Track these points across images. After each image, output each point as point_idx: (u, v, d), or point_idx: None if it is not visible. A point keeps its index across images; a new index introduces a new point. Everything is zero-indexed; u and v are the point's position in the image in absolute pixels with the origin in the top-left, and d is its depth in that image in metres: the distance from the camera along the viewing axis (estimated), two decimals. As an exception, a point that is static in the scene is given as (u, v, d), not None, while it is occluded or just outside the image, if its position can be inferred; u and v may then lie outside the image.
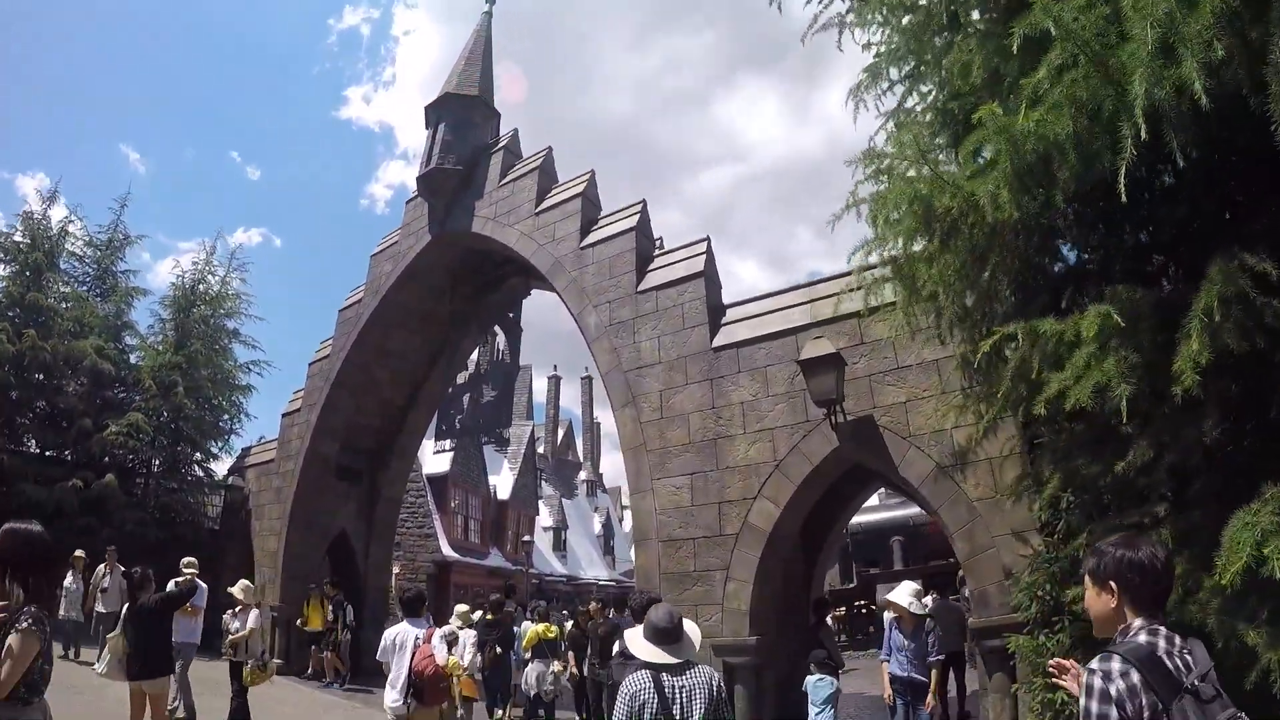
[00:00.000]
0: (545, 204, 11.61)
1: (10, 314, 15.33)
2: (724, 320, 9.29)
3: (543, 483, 34.95)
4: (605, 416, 46.35)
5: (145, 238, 18.73)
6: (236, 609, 8.72)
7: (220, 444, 18.09)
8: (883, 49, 5.67)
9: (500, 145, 13.09)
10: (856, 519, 17.53)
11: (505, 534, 29.32)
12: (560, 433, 42.87)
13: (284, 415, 15.88)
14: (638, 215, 10.59)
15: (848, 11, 5.60)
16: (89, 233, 17.89)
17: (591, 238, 10.74)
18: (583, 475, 43.88)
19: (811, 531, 10.06)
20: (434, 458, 24.22)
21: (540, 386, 42.72)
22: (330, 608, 13.09)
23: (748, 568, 8.04)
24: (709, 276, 9.53)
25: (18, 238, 16.28)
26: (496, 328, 13.70)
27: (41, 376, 15.40)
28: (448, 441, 14.75)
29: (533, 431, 32.93)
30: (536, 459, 34.01)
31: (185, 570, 9.00)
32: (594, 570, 37.98)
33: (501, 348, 13.54)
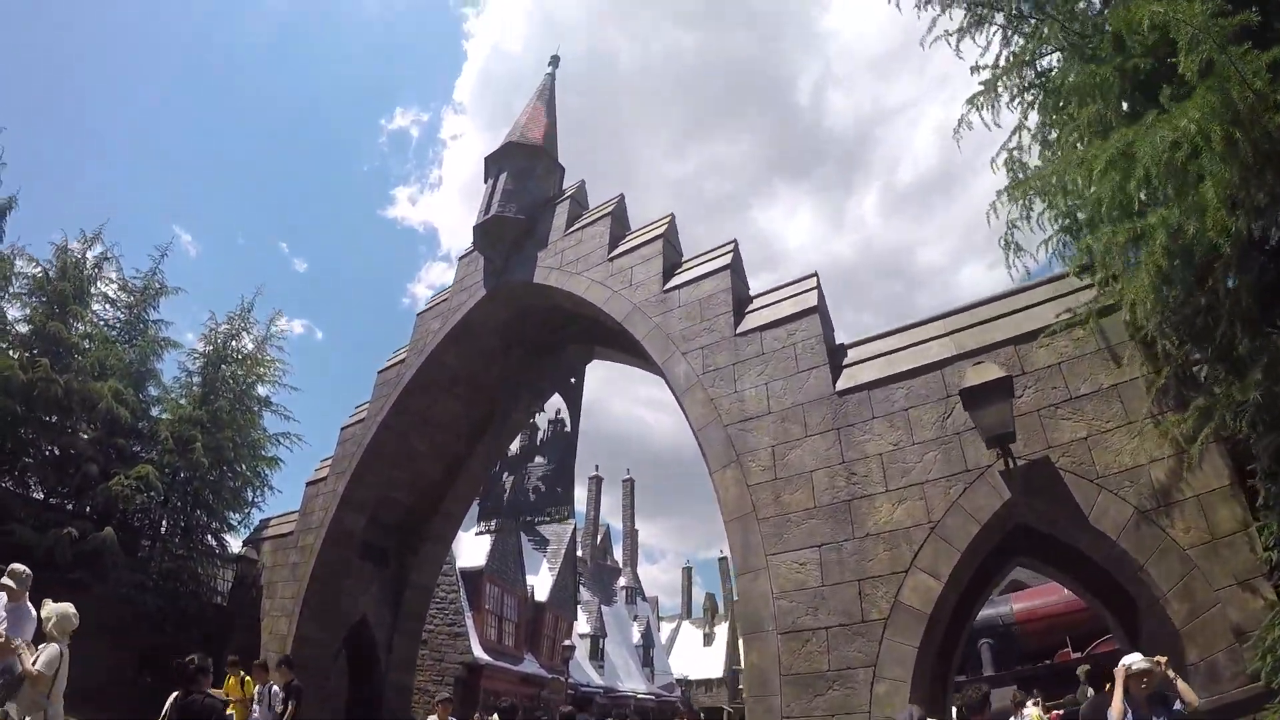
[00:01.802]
0: (620, 249, 10.65)
1: (29, 346, 14.34)
2: (845, 362, 7.99)
3: (581, 587, 32.89)
4: (644, 524, 44.56)
5: (182, 291, 17.94)
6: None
7: (239, 515, 16.78)
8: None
9: (566, 195, 12.30)
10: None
11: (541, 638, 27.19)
12: (598, 536, 40.94)
13: (308, 484, 14.62)
14: (730, 254, 9.55)
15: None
16: (123, 276, 17.09)
17: (676, 280, 9.68)
18: (622, 581, 41.81)
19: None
20: (469, 549, 22.62)
21: (579, 489, 41.26)
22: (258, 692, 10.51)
23: (903, 663, 6.44)
24: (823, 313, 8.29)
25: (50, 272, 15.43)
26: (557, 394, 12.32)
27: (54, 418, 14.24)
28: (490, 524, 13.05)
29: (574, 531, 31.20)
30: (576, 561, 32.15)
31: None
32: (632, 682, 35.47)
33: (561, 416, 12.10)
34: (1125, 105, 6.62)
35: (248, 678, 10.10)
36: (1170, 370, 5.90)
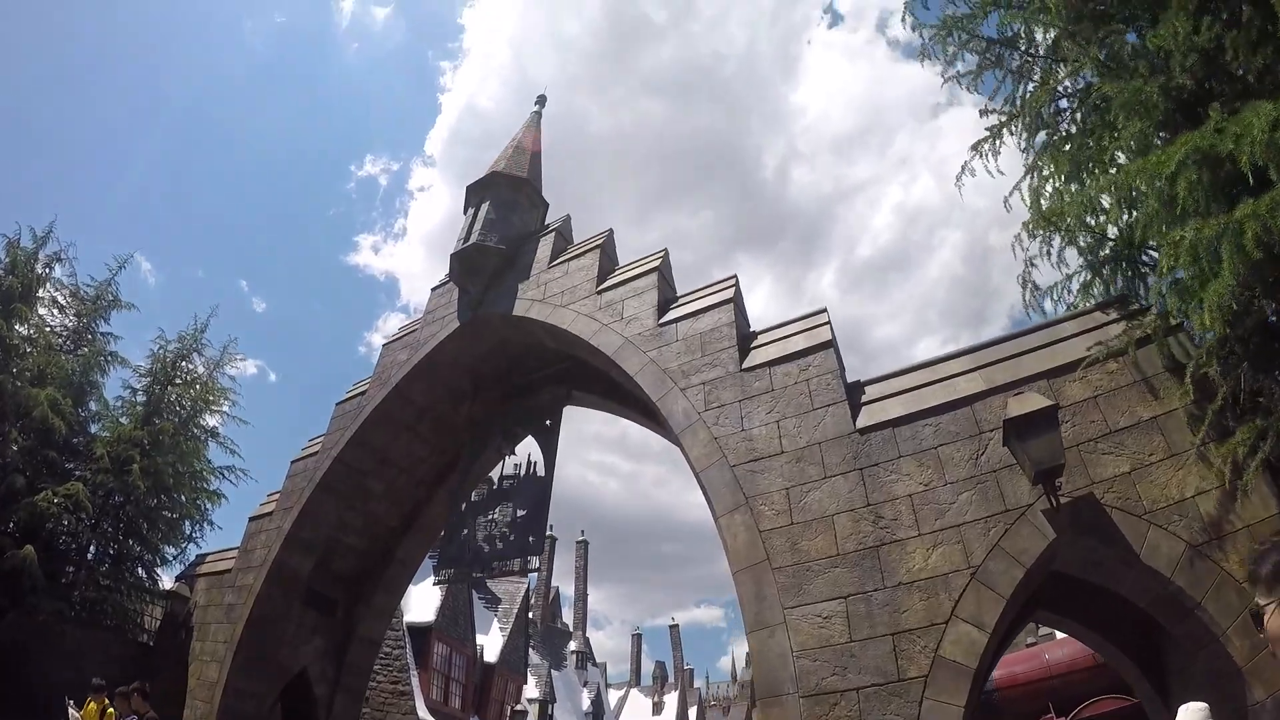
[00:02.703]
0: (610, 282, 10.18)
1: None
2: (863, 399, 7.52)
3: (530, 649, 31.51)
4: (591, 589, 43.27)
5: (135, 309, 16.99)
6: None
7: (175, 550, 15.59)
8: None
9: (551, 228, 11.81)
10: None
11: (489, 700, 25.92)
12: (549, 597, 39.58)
13: (252, 518, 13.48)
14: (731, 288, 9.18)
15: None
16: (75, 283, 16.12)
17: (674, 314, 9.21)
18: (572, 646, 40.35)
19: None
20: (419, 603, 21.52)
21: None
22: None
23: None
24: (836, 349, 7.85)
25: None
26: (530, 437, 11.54)
27: None
28: (446, 574, 11.91)
29: (527, 591, 29.97)
30: (528, 622, 30.87)
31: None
32: None
33: (533, 459, 11.32)
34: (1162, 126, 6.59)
35: (110, 707, 9.89)
36: (1224, 393, 5.67)
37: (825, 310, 8.53)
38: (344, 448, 12.39)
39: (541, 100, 14.75)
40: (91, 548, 14.56)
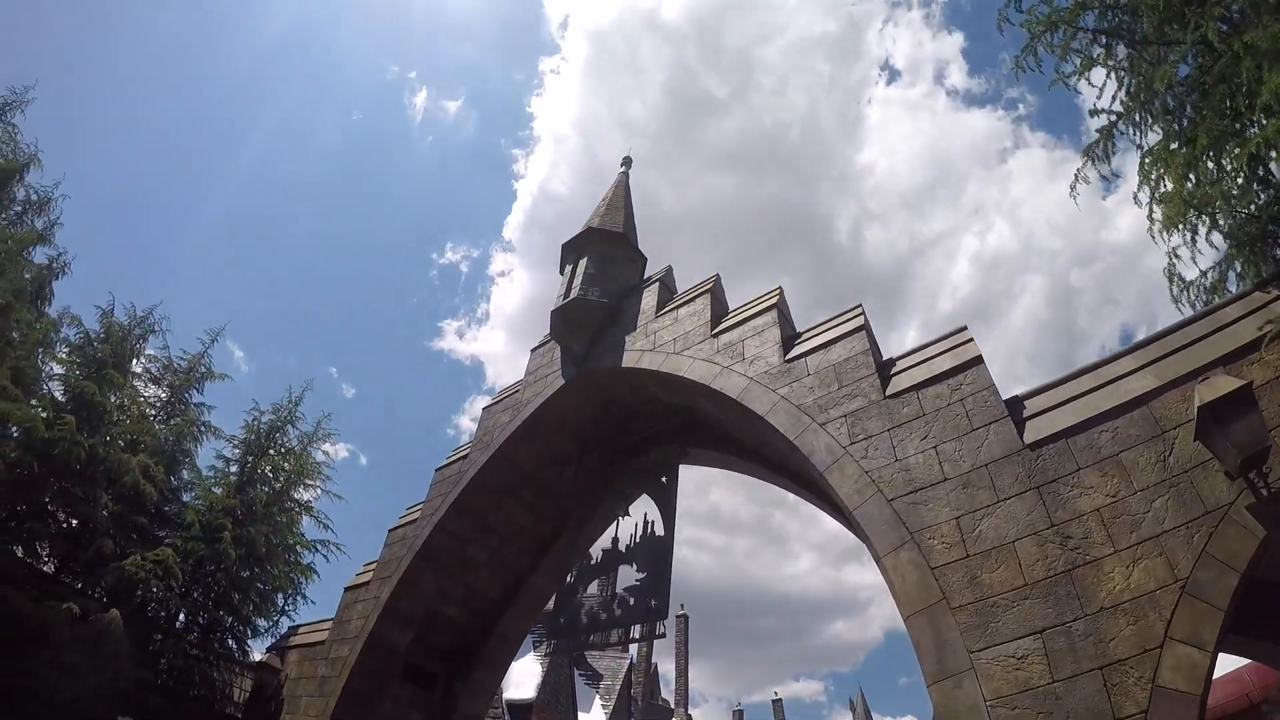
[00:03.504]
0: (726, 324, 9.96)
1: (59, 407, 13.53)
2: (1026, 414, 7.01)
3: None
4: (691, 666, 41.82)
5: (229, 378, 17.52)
6: None
7: (266, 621, 15.51)
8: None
9: (654, 279, 11.71)
10: None
11: None
12: (649, 673, 38.35)
13: (347, 589, 13.39)
14: (860, 316, 8.89)
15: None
16: (168, 356, 16.64)
17: (800, 348, 8.90)
18: None
19: None
20: (518, 678, 21.05)
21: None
22: None
23: None
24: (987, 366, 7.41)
25: (92, 335, 15.07)
26: (645, 495, 11.21)
27: (74, 485, 13.20)
28: (561, 644, 11.40)
29: (629, 666, 29.04)
30: (631, 699, 29.84)
31: None
32: None
33: (650, 520, 10.95)
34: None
35: None
36: None
37: (966, 328, 8.12)
38: (445, 514, 12.29)
39: (627, 162, 14.98)
40: (181, 616, 14.56)
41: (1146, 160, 8.45)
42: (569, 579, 11.39)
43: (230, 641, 15.15)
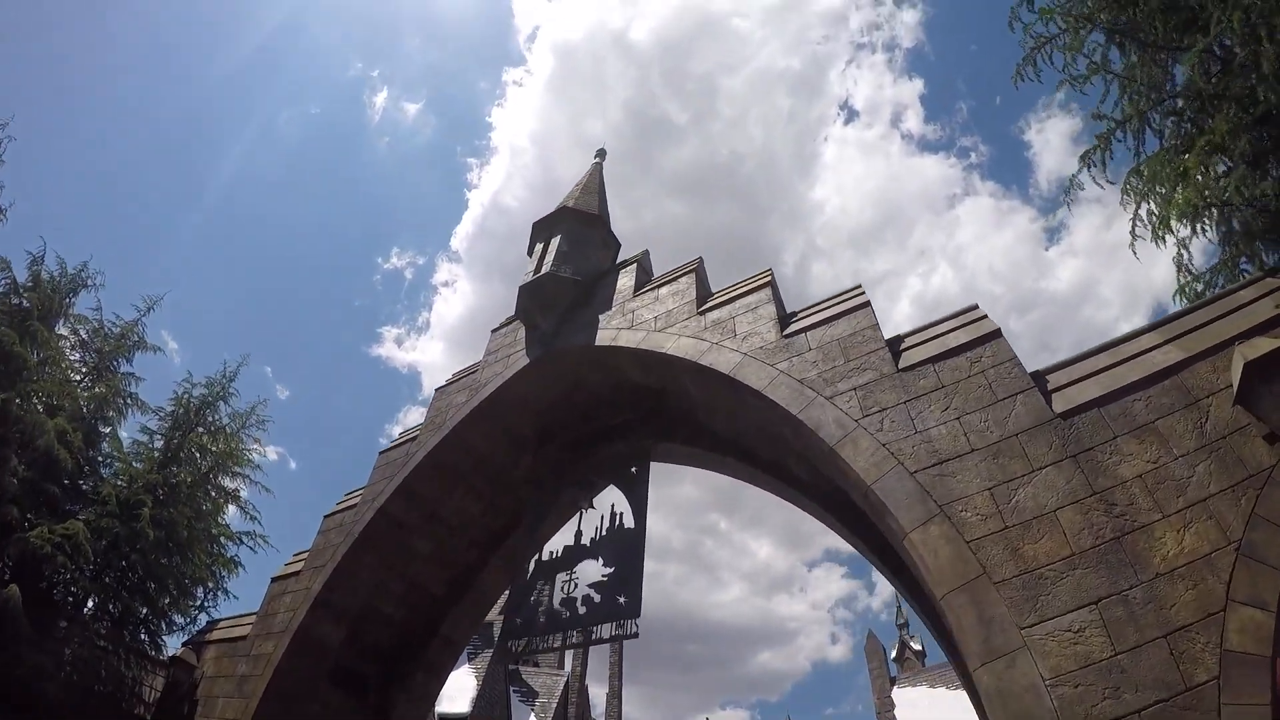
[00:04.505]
0: (714, 302, 9.45)
1: None
2: (1050, 388, 6.80)
3: None
4: (624, 687, 40.81)
5: (160, 350, 16.37)
6: None
7: (185, 617, 14.19)
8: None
9: (632, 261, 11.13)
10: None
11: None
12: (581, 695, 37.06)
13: (274, 579, 12.22)
14: (862, 295, 8.54)
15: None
16: (100, 319, 15.29)
17: (801, 324, 8.50)
18: None
19: None
20: (451, 691, 19.72)
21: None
22: None
23: None
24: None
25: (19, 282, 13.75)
26: (613, 486, 10.55)
27: None
28: (519, 645, 10.37)
29: (566, 683, 27.88)
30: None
31: None
32: None
33: (618, 512, 10.31)
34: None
35: None
36: None
37: (978, 306, 7.92)
38: (388, 499, 11.34)
39: (602, 154, 14.48)
40: (90, 602, 13.20)
41: (1143, 170, 8.74)
42: (529, 570, 10.62)
43: (143, 635, 13.76)
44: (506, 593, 12.11)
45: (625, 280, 10.77)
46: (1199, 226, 8.27)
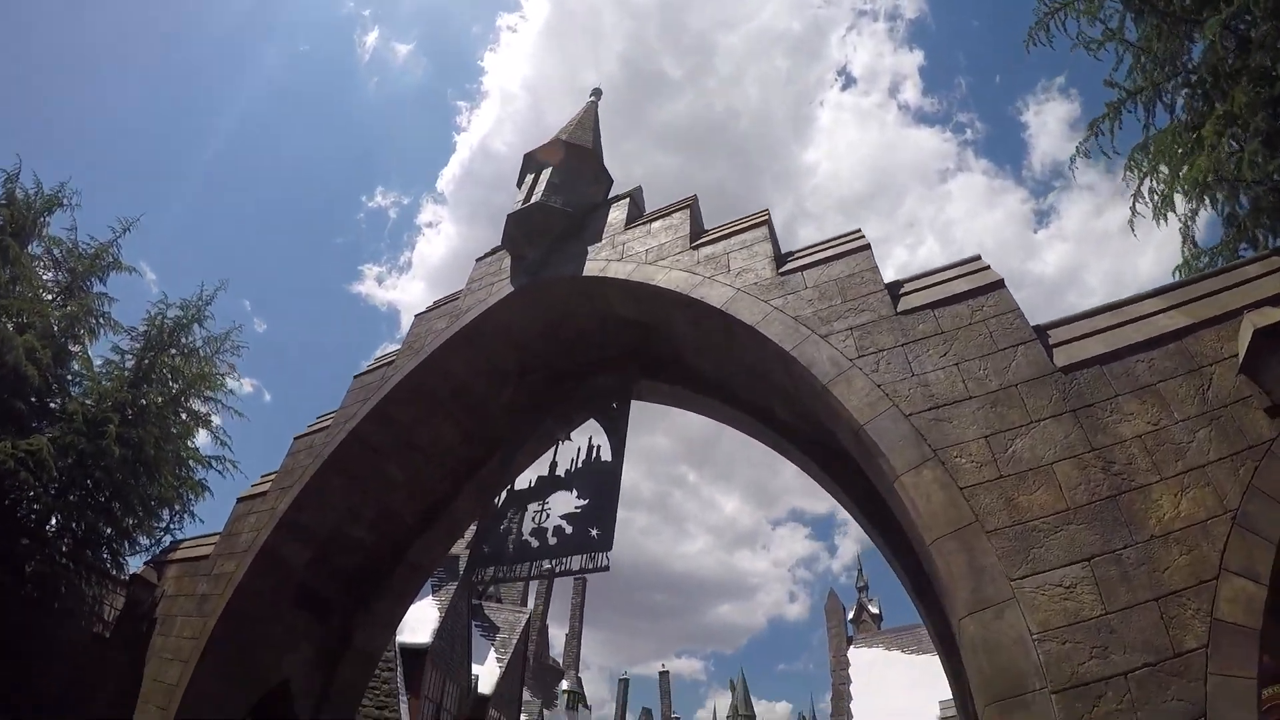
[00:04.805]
0: (708, 237, 8.91)
1: None
2: (1051, 343, 6.38)
3: (524, 687, 29.01)
4: (588, 630, 40.80)
5: (136, 273, 15.44)
6: None
7: (149, 539, 13.56)
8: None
9: (624, 195, 10.50)
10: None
11: None
12: (542, 632, 36.99)
13: (240, 499, 11.63)
14: (863, 238, 8.05)
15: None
16: (75, 240, 14.53)
17: (798, 262, 8.00)
18: (564, 685, 37.48)
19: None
20: (413, 622, 19.32)
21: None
22: None
23: (1245, 706, 4.53)
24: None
25: None
26: (593, 420, 10.07)
27: None
28: (485, 574, 9.87)
29: (528, 621, 27.57)
30: (526, 655, 28.41)
31: None
32: None
33: (595, 444, 9.82)
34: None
35: None
36: None
37: (980, 256, 7.47)
38: (362, 421, 10.69)
39: (597, 93, 13.59)
40: (53, 520, 12.57)
41: (1150, 145, 8.49)
42: (501, 499, 10.13)
43: (106, 555, 13.16)
44: (476, 524, 11.60)
45: (617, 214, 10.15)
46: (1206, 200, 7.92)
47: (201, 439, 14.96)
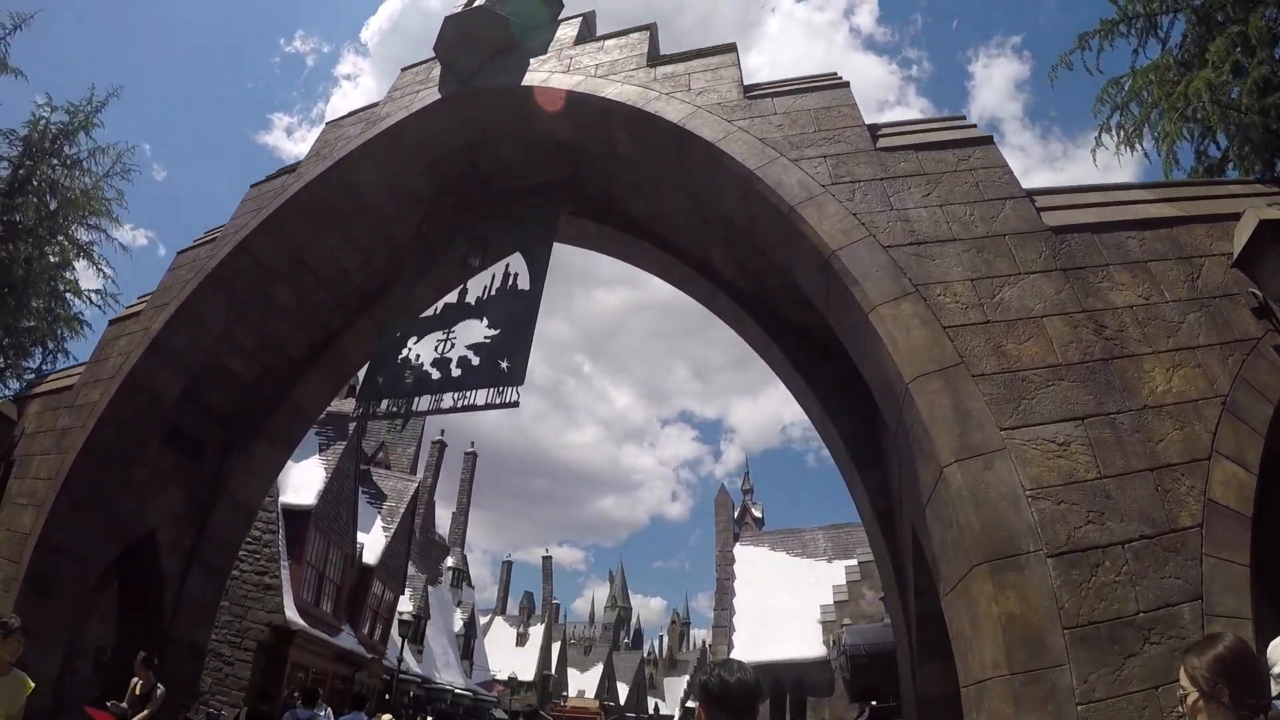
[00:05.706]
0: (670, 56, 7.23)
1: None
2: (1039, 207, 5.16)
3: (410, 560, 26.13)
4: (474, 510, 38.45)
5: (23, 76, 11.66)
6: None
7: (17, 380, 10.92)
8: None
9: (577, 16, 8.45)
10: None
11: (364, 609, 20.86)
12: (429, 505, 34.41)
13: (112, 322, 9.29)
14: (840, 77, 6.50)
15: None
16: None
17: (768, 90, 6.41)
18: (449, 561, 35.22)
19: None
20: (297, 483, 16.93)
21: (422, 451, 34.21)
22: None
23: (1237, 592, 3.63)
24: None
25: None
26: (514, 248, 8.16)
27: None
28: (378, 407, 7.81)
29: (416, 490, 25.02)
30: (413, 527, 25.80)
31: None
32: (449, 674, 28.99)
33: (512, 272, 7.95)
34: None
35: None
36: None
37: (965, 116, 6.24)
38: (252, 232, 8.50)
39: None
40: None
41: (1124, 81, 7.76)
42: (396, 333, 8.15)
43: None
44: (368, 366, 9.52)
45: (567, 31, 8.19)
46: (1184, 131, 7.12)
47: (86, 279, 12.01)
